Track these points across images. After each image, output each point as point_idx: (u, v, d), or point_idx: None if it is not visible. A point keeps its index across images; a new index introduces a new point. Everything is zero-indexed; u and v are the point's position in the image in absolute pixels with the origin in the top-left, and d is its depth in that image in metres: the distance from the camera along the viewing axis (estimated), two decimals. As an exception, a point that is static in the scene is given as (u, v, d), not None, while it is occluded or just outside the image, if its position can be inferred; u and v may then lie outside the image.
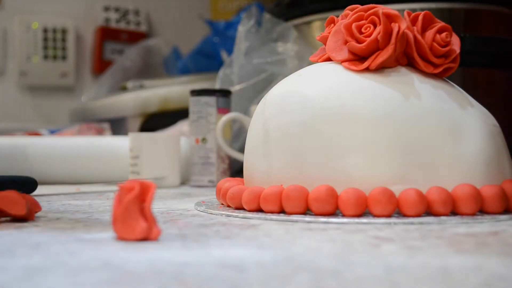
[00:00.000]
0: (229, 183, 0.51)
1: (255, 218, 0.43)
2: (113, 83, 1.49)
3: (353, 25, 0.48)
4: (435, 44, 0.47)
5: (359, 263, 0.27)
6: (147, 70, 1.55)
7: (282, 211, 0.44)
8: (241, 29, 0.98)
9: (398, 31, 0.46)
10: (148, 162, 0.79)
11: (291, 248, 0.32)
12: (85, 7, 1.69)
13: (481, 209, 0.43)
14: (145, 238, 0.33)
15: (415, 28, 0.47)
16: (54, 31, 1.63)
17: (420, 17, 0.48)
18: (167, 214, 0.47)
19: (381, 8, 0.47)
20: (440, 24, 0.48)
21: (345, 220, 0.41)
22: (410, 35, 0.47)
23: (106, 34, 1.68)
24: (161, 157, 0.80)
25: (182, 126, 1.06)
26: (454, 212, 0.43)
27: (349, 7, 0.50)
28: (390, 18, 0.46)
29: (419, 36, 0.47)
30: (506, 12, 0.87)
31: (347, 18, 0.49)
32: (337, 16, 0.51)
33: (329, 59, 0.50)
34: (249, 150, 0.51)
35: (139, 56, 1.54)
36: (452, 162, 0.44)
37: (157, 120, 1.21)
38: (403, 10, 0.50)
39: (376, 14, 0.47)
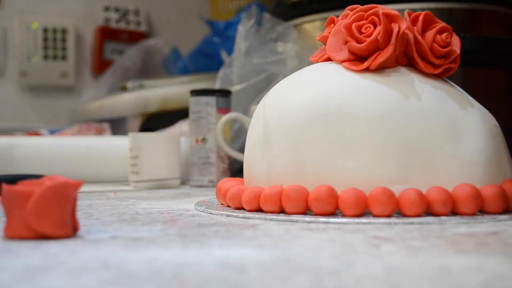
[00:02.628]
0: (229, 183, 0.51)
1: (255, 218, 0.43)
2: (113, 83, 1.49)
3: (353, 25, 0.48)
4: (435, 44, 0.47)
5: (359, 263, 0.27)
6: (147, 70, 1.55)
7: (282, 211, 0.44)
8: (241, 29, 0.98)
9: (398, 31, 0.46)
10: (147, 162, 0.79)
11: (291, 248, 0.32)
12: (85, 7, 1.69)
13: (481, 209, 0.43)
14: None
15: (415, 28, 0.47)
16: (54, 31, 1.63)
17: (421, 18, 0.48)
18: (167, 214, 0.47)
19: (381, 8, 0.47)
20: (440, 24, 0.48)
21: (345, 220, 0.41)
22: (411, 36, 0.47)
23: (106, 34, 1.68)
24: (161, 157, 0.80)
25: (182, 126, 1.06)
26: (454, 212, 0.43)
27: (349, 7, 0.50)
28: (390, 18, 0.46)
29: (419, 37, 0.47)
30: (506, 12, 0.87)
31: (347, 18, 0.49)
32: (337, 16, 0.51)
33: (329, 59, 0.50)
34: (249, 150, 0.51)
35: (139, 56, 1.54)
36: (452, 162, 0.44)
37: (157, 120, 1.21)
38: (403, 10, 0.50)
39: (376, 14, 0.47)
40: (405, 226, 0.39)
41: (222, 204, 0.51)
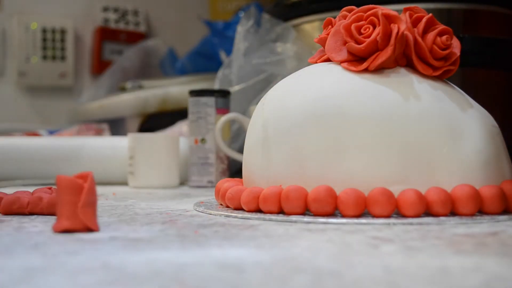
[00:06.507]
0: (228, 183, 0.51)
1: (254, 219, 0.43)
2: (112, 83, 1.49)
3: (353, 26, 0.48)
4: (435, 46, 0.47)
5: (358, 264, 0.27)
6: (146, 71, 1.55)
7: (281, 211, 0.44)
8: (240, 30, 0.98)
9: (398, 32, 0.46)
10: (146, 163, 0.79)
11: (290, 248, 0.32)
12: (84, 8, 1.69)
13: (480, 210, 0.43)
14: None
15: (415, 30, 0.47)
16: (53, 31, 1.63)
17: (423, 20, 0.47)
18: (166, 214, 0.47)
19: (381, 9, 0.47)
20: (441, 26, 0.48)
21: (344, 220, 0.41)
22: (410, 37, 0.47)
23: (105, 34, 1.68)
24: (160, 158, 0.80)
25: (181, 127, 1.06)
26: (453, 213, 0.43)
27: (345, 8, 0.50)
28: (389, 19, 0.46)
29: (419, 38, 0.47)
30: (505, 12, 0.87)
31: (346, 19, 0.49)
32: (335, 17, 0.51)
33: (328, 60, 0.50)
34: (248, 150, 0.51)
35: (138, 57, 1.54)
36: (451, 163, 0.44)
37: (156, 121, 1.21)
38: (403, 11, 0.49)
39: (375, 15, 0.47)
40: (404, 226, 0.39)
41: (221, 204, 0.51)
